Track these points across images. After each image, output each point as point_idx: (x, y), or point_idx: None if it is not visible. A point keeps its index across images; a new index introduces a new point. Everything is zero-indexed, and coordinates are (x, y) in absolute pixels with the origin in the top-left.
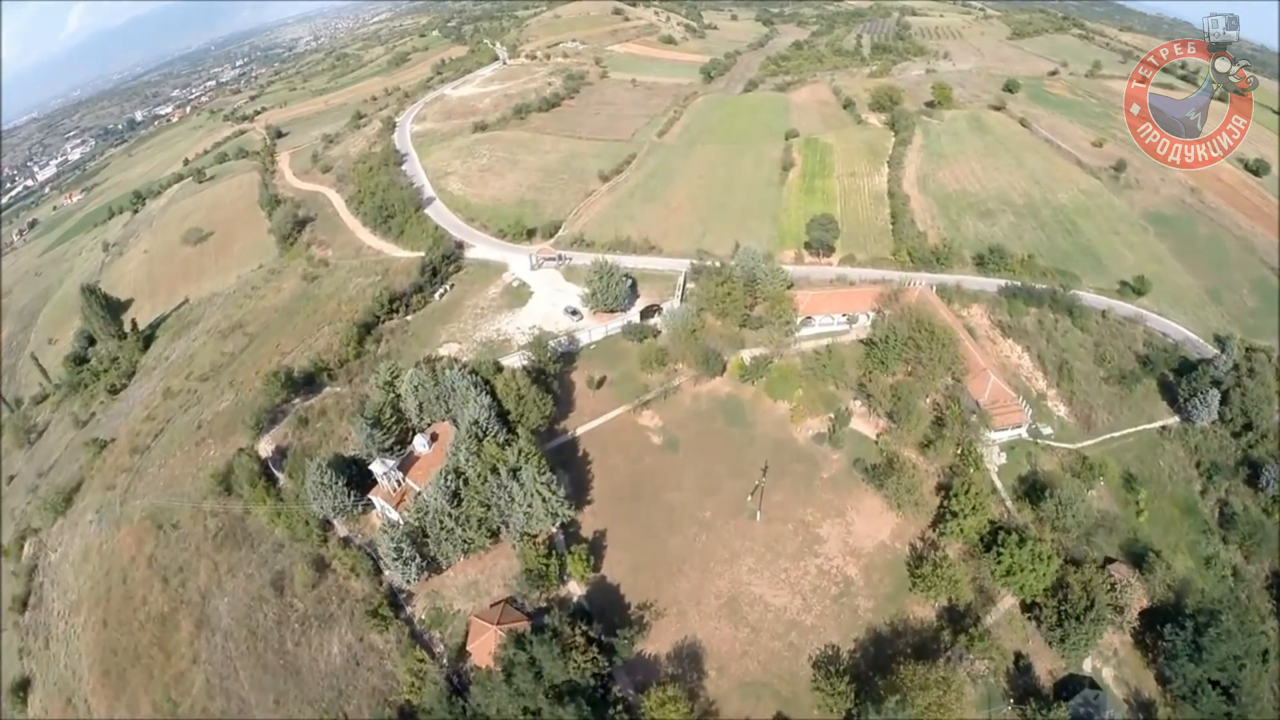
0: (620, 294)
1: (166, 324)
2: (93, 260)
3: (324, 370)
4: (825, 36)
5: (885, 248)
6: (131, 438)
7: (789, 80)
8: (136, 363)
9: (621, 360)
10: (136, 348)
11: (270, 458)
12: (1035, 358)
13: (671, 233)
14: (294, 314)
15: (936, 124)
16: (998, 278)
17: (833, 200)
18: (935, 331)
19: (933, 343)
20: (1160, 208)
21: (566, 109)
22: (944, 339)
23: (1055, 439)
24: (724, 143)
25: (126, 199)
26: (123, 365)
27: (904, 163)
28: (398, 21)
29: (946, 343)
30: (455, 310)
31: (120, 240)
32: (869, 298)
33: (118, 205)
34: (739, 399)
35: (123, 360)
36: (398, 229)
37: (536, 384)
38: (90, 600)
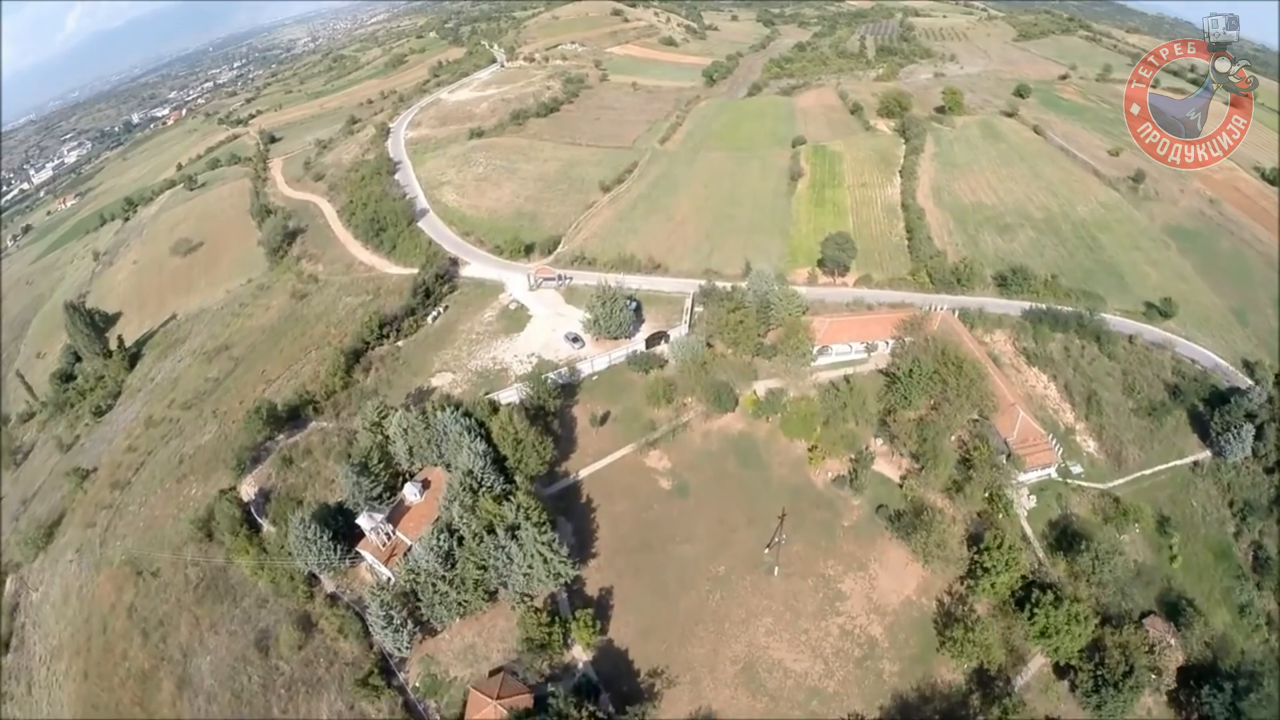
0: (624, 321)
1: (153, 341)
2: (83, 270)
3: (309, 403)
4: (828, 38)
5: (902, 266)
6: (112, 470)
7: (793, 84)
8: (122, 382)
9: (626, 393)
10: (122, 366)
11: (253, 501)
12: (1062, 388)
13: (677, 249)
14: (281, 336)
15: (948, 131)
16: (1021, 300)
17: (844, 213)
18: (963, 365)
19: (960, 377)
20: (1180, 221)
21: (565, 114)
22: (972, 373)
23: (1085, 478)
24: (729, 150)
25: (119, 205)
26: (108, 385)
27: (917, 173)
28: (395, 22)
29: (975, 377)
30: (449, 335)
31: (111, 249)
32: (889, 324)
33: (109, 212)
34: (753, 437)
35: (108, 379)
36: (390, 243)
37: (536, 424)
38: (71, 648)
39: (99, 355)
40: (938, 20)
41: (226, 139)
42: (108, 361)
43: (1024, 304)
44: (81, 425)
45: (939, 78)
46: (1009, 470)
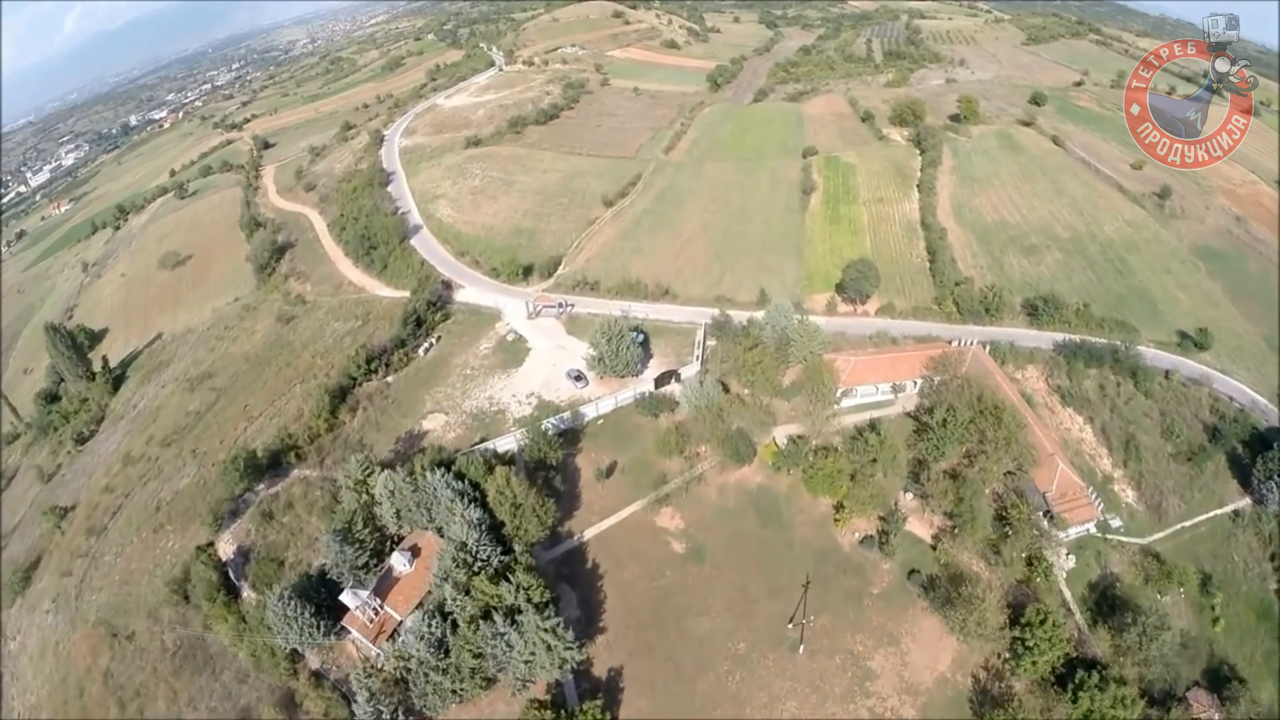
0: (631, 360)
1: (138, 363)
2: (72, 281)
3: (291, 448)
4: (832, 41)
5: (925, 291)
6: (89, 512)
7: (801, 89)
8: (106, 406)
9: (634, 440)
10: (106, 390)
11: (231, 560)
12: (1099, 431)
13: (685, 271)
14: (265, 366)
15: (965, 142)
16: (1052, 330)
17: (861, 231)
18: (1002, 414)
19: (999, 428)
20: (1209, 240)
21: (565, 121)
22: (1011, 423)
23: (1125, 532)
24: (736, 160)
25: (110, 213)
26: (92, 408)
27: (935, 187)
28: (394, 24)
29: (1014, 427)
30: (442, 370)
31: (100, 260)
32: (917, 363)
33: (101, 219)
34: (773, 492)
35: (92, 402)
36: (381, 262)
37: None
38: (49, 708)
39: (82, 378)
40: (943, 23)
41: (221, 144)
42: (91, 384)
43: (1056, 335)
44: (63, 453)
45: (951, 84)
46: (1050, 533)
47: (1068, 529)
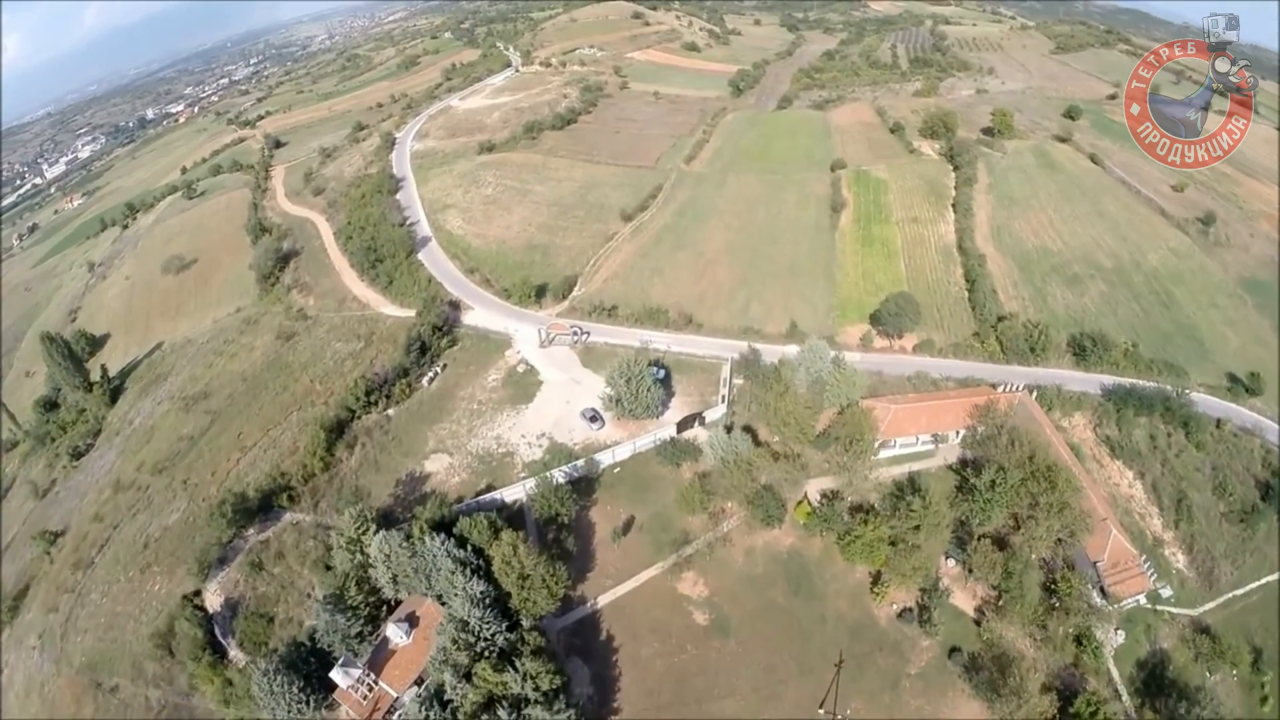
0: (651, 403)
1: (137, 374)
2: (78, 281)
3: (284, 489)
4: (856, 46)
5: (964, 325)
6: (77, 542)
7: (826, 96)
8: (103, 419)
9: (654, 491)
10: (103, 402)
11: (218, 614)
12: (1149, 487)
13: (709, 296)
14: (262, 388)
15: (1000, 158)
16: (1100, 373)
17: (895, 255)
18: (1056, 479)
19: (1052, 493)
20: (1254, 271)
21: (583, 126)
22: (1065, 487)
23: (1175, 601)
24: (761, 172)
25: (120, 210)
26: (89, 420)
27: (972, 207)
28: (412, 21)
29: (1068, 491)
30: (447, 403)
31: (106, 260)
32: (961, 411)
33: (110, 217)
34: (804, 557)
35: (89, 414)
36: (386, 277)
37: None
38: None
39: (79, 389)
40: (968, 29)
41: (233, 141)
42: (88, 396)
43: (1104, 378)
44: (59, 468)
45: (982, 94)
46: (1103, 609)
47: (1119, 603)
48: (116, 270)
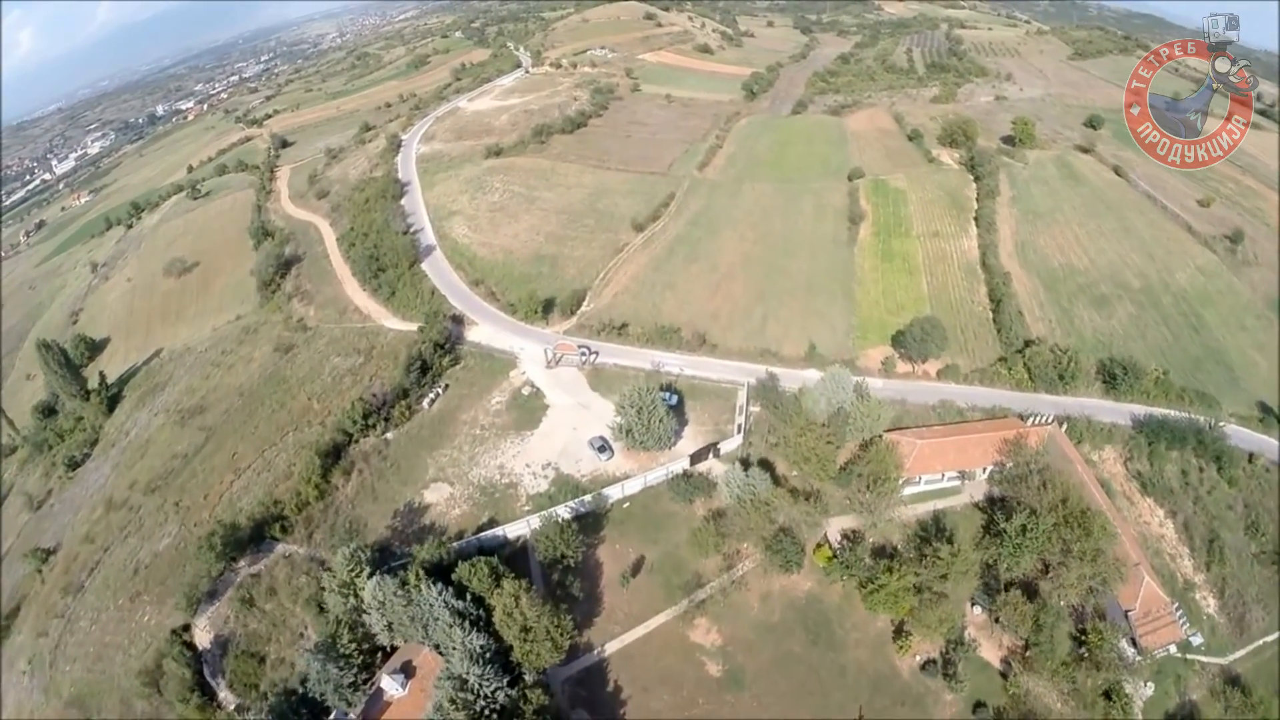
0: (663, 434)
1: (135, 381)
2: (80, 281)
3: (277, 519)
4: (871, 49)
5: (989, 348)
6: (68, 563)
7: (841, 101)
8: (100, 429)
9: (665, 530)
10: (101, 410)
11: (207, 651)
12: (1180, 527)
13: (723, 313)
14: (258, 405)
15: (1022, 169)
16: (1130, 402)
17: (916, 271)
18: (1090, 526)
19: (1087, 540)
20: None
21: (593, 130)
22: (1100, 534)
23: (1205, 649)
24: (777, 181)
25: (125, 209)
26: (86, 429)
27: (995, 221)
28: (423, 20)
29: (1103, 538)
30: (448, 427)
31: (109, 260)
32: (989, 447)
33: (115, 215)
34: (823, 603)
35: (86, 422)
36: (389, 288)
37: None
38: None
39: (76, 396)
40: (984, 33)
41: (239, 140)
42: (85, 404)
43: (1134, 408)
44: (55, 478)
45: (1001, 101)
46: (1134, 663)
47: (1151, 654)
48: (119, 272)
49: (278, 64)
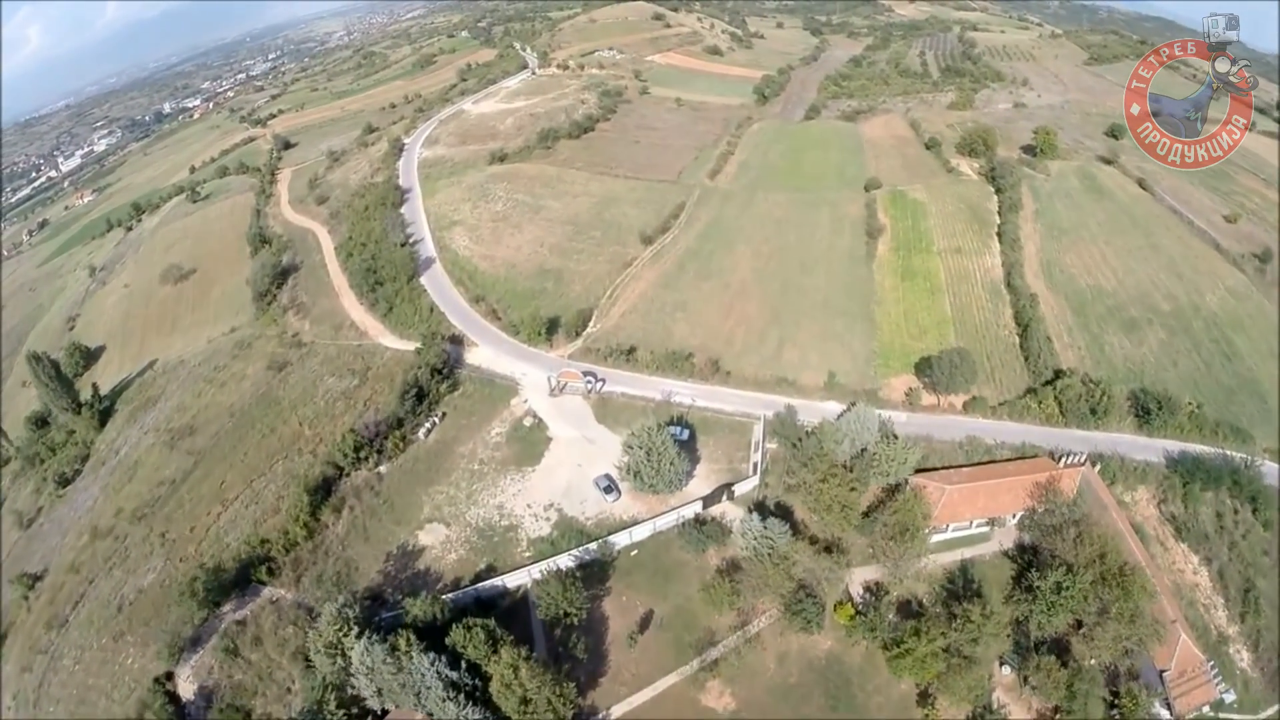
0: (674, 478)
1: (127, 395)
2: (79, 285)
3: (264, 560)
4: (883, 52)
5: (1017, 377)
6: (53, 594)
7: (855, 106)
8: (91, 443)
9: (675, 581)
10: (92, 425)
11: (191, 703)
12: (1215, 575)
13: (737, 336)
14: (249, 428)
15: (1044, 181)
16: (1163, 438)
17: (938, 290)
18: (1130, 585)
19: (1126, 599)
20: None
21: (601, 135)
22: (1140, 593)
23: (1238, 707)
24: (791, 190)
25: (126, 211)
26: (78, 442)
27: (1019, 238)
28: (430, 19)
29: (1142, 597)
30: (445, 460)
31: (108, 264)
32: (1021, 491)
33: (116, 216)
34: (844, 664)
35: (79, 436)
36: (386, 303)
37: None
38: None
39: (67, 410)
40: (997, 36)
41: (243, 141)
42: (76, 418)
43: (1167, 444)
44: (45, 495)
45: (1019, 108)
46: None
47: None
48: (116, 276)
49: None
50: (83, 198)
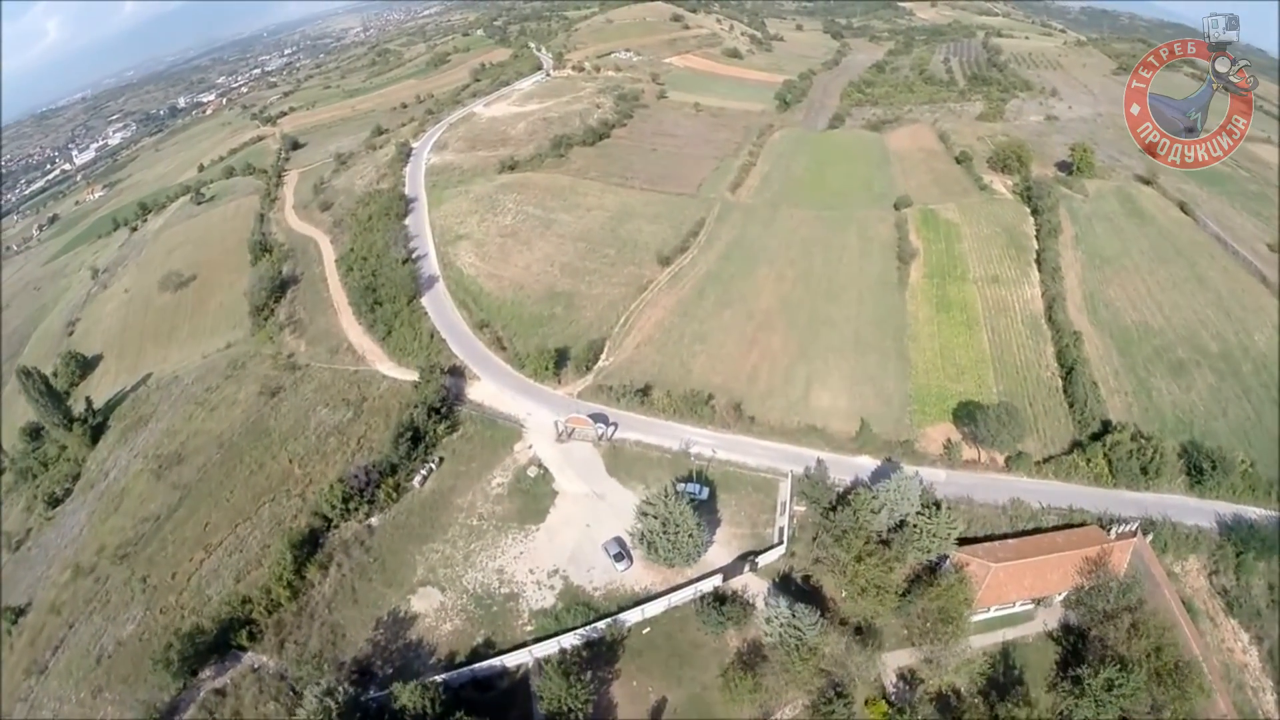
0: (691, 550)
1: (120, 410)
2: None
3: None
4: (905, 57)
5: (1061, 426)
6: (34, 635)
7: (881, 115)
8: (82, 461)
9: (691, 665)
10: (84, 442)
11: None
12: (1266, 655)
13: (762, 375)
14: (237, 461)
15: (1082, 202)
16: (1215, 500)
17: (975, 324)
18: (1188, 685)
19: (1183, 700)
20: None
21: (616, 142)
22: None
23: None
24: (816, 207)
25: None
26: (70, 459)
27: (1060, 266)
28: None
29: (1199, 697)
30: (441, 514)
31: (110, 267)
32: (1069, 568)
33: (123, 215)
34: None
35: (71, 452)
36: (385, 325)
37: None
38: None
39: (59, 426)
40: (1022, 43)
41: (252, 140)
42: (68, 434)
43: (1219, 505)
44: (35, 515)
45: (1051, 121)
46: None
47: None
48: (118, 280)
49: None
50: (93, 193)
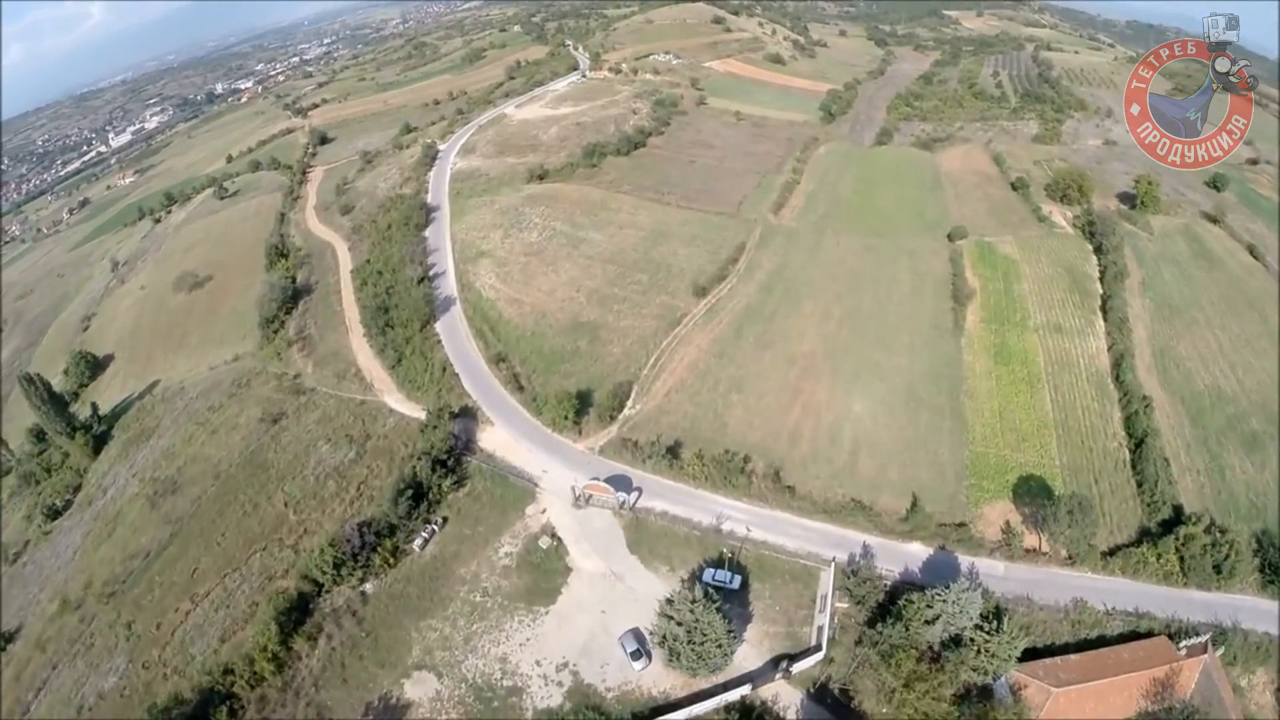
0: (718, 661)
1: (125, 420)
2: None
3: (225, 698)
4: (953, 68)
5: (1129, 510)
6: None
7: (931, 133)
8: (84, 472)
9: None
10: (87, 451)
11: None
12: None
13: (804, 434)
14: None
15: (1147, 241)
16: None
17: (1037, 382)
18: None
19: None
20: None
21: (652, 151)
22: None
23: None
24: (864, 233)
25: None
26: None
27: (1127, 316)
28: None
29: None
30: (442, 585)
31: (130, 260)
32: (1135, 691)
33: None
34: None
35: (73, 461)
36: (395, 351)
37: None
38: None
39: (62, 433)
40: (1071, 57)
41: (282, 131)
42: (71, 442)
43: None
44: (33, 527)
45: (1110, 146)
46: None
47: None
48: (136, 275)
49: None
50: (125, 178)
